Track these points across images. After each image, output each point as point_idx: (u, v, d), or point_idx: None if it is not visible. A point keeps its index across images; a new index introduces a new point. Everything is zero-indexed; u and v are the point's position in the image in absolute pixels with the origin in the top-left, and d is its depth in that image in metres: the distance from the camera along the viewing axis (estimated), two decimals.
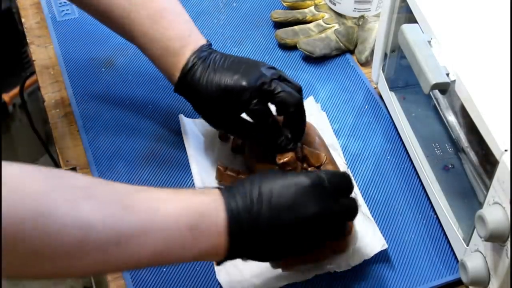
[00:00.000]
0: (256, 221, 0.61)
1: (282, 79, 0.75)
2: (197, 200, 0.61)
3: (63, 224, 0.51)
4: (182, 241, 0.58)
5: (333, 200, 0.65)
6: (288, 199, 0.62)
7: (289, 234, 0.63)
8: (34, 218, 0.49)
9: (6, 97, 1.67)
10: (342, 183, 0.67)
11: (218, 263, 0.64)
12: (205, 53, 0.77)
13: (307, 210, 0.63)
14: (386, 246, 0.73)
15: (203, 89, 0.76)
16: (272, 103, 0.75)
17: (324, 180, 0.65)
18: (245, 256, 0.64)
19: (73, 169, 0.85)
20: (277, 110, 0.75)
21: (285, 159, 0.75)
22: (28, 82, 1.49)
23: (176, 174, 0.84)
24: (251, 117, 0.76)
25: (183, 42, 0.77)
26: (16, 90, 1.63)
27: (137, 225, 0.55)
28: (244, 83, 0.74)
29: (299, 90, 0.76)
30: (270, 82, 0.74)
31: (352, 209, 0.67)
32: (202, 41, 0.79)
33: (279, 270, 0.73)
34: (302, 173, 0.66)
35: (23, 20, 1.05)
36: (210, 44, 0.79)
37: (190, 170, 0.82)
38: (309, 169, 0.79)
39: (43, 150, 1.49)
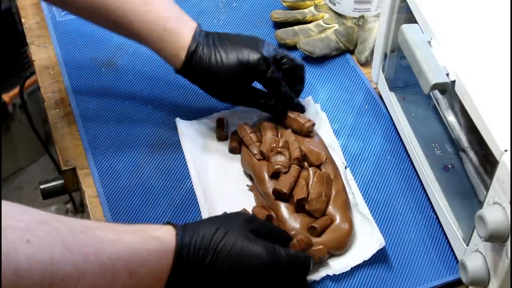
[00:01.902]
0: (201, 275, 0.62)
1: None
2: (144, 246, 0.60)
3: (2, 267, 0.50)
4: (118, 284, 0.57)
5: (290, 280, 0.66)
6: (239, 269, 0.63)
7: None
8: None
9: (6, 97, 1.67)
10: (299, 268, 0.68)
11: None
12: (203, 33, 0.80)
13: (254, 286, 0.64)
14: (384, 244, 0.73)
15: (214, 67, 0.78)
16: (281, 69, 0.82)
17: (282, 263, 0.65)
18: None
19: (73, 169, 0.85)
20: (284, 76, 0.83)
21: (278, 166, 0.77)
22: (28, 82, 1.49)
23: (176, 174, 0.84)
24: (268, 86, 0.82)
25: (180, 22, 0.79)
26: (16, 90, 1.63)
27: (74, 268, 0.54)
28: (259, 55, 0.79)
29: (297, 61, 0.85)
30: (277, 52, 0.81)
31: (305, 258, 0.68)
32: (193, 22, 0.81)
33: None
34: (266, 246, 0.65)
35: (23, 20, 1.05)
36: (199, 24, 0.82)
37: (189, 170, 0.82)
38: (310, 168, 0.79)
39: (43, 150, 1.49)
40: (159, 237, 0.62)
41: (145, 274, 0.59)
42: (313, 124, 0.84)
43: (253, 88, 0.83)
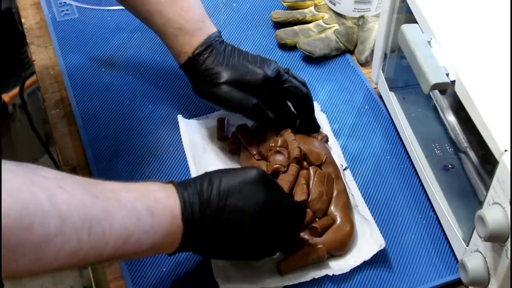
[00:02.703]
0: (206, 204, 0.64)
1: (291, 75, 0.82)
2: (151, 188, 0.63)
3: (43, 214, 0.52)
4: (143, 225, 0.60)
5: (281, 195, 0.68)
6: (236, 185, 0.65)
7: (238, 222, 0.65)
8: (18, 212, 0.50)
9: (6, 97, 1.67)
10: (294, 211, 0.70)
11: (170, 255, 0.65)
12: (217, 41, 0.81)
13: (255, 197, 0.65)
14: (383, 245, 0.73)
15: (215, 75, 0.79)
16: (284, 94, 0.82)
17: (269, 176, 0.68)
18: (197, 247, 0.66)
19: (73, 169, 0.85)
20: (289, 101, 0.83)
21: (277, 165, 0.77)
22: (28, 82, 1.49)
23: (176, 174, 0.84)
24: (267, 106, 0.81)
25: (198, 25, 0.81)
26: (16, 90, 1.63)
27: (104, 211, 0.57)
28: (262, 73, 0.79)
29: (304, 84, 0.84)
30: (283, 74, 0.81)
31: (300, 209, 0.70)
32: (214, 28, 0.82)
33: (277, 273, 0.73)
34: (250, 167, 0.69)
35: (23, 20, 1.05)
36: (221, 33, 0.83)
37: (189, 170, 0.82)
38: (310, 167, 0.79)
39: (43, 150, 1.49)
40: (161, 183, 0.65)
41: (161, 210, 0.62)
42: (326, 137, 0.84)
43: (253, 102, 0.82)
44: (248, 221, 0.65)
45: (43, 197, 0.52)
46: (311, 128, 0.85)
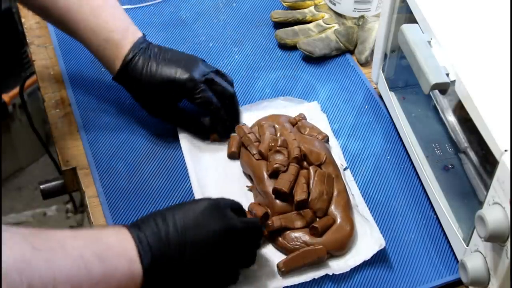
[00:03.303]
0: (166, 243, 0.63)
1: (219, 74, 0.85)
2: (101, 233, 0.61)
3: None
4: (93, 274, 0.57)
5: (234, 218, 0.67)
6: (190, 220, 0.65)
7: (200, 252, 0.64)
8: None
9: (6, 97, 1.66)
10: (235, 204, 0.70)
11: None
12: (144, 45, 0.82)
13: (211, 226, 0.65)
14: (383, 245, 0.73)
15: (145, 79, 0.81)
16: (211, 94, 0.83)
17: (219, 202, 0.68)
18: (162, 286, 0.64)
19: (73, 169, 0.85)
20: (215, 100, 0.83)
21: (277, 165, 0.77)
22: (28, 82, 1.49)
23: (176, 174, 0.84)
24: (197, 105, 0.83)
25: (123, 34, 0.82)
26: (16, 90, 1.63)
27: (47, 265, 0.54)
28: (187, 75, 0.81)
29: (231, 84, 0.86)
30: (209, 74, 0.83)
31: (255, 226, 0.70)
32: (139, 33, 0.83)
33: (277, 273, 0.73)
34: (201, 198, 0.70)
35: (23, 20, 1.05)
36: (145, 36, 0.84)
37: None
38: (310, 167, 0.79)
39: (43, 150, 1.49)
40: (114, 226, 0.65)
41: (114, 256, 0.60)
42: (326, 136, 0.84)
43: (181, 109, 0.85)
44: (210, 251, 0.65)
45: None
46: (232, 127, 0.86)
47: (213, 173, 0.83)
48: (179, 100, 0.84)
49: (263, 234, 0.73)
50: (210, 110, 0.83)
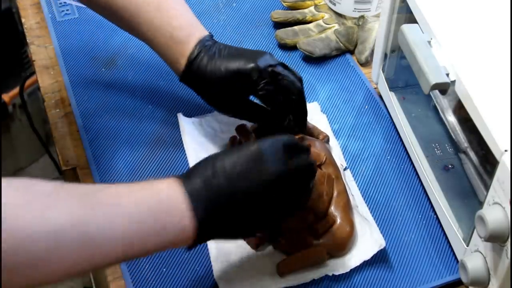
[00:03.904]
0: (217, 195, 0.62)
1: (286, 67, 0.80)
2: (153, 188, 0.62)
3: (35, 235, 0.51)
4: (149, 229, 0.59)
5: (286, 159, 0.66)
6: (242, 167, 0.64)
7: (252, 200, 0.64)
8: (11, 233, 0.50)
9: (6, 97, 1.67)
10: (289, 143, 0.68)
11: (190, 248, 0.64)
12: (209, 43, 0.80)
13: (262, 172, 0.64)
14: (383, 245, 0.73)
15: (210, 74, 0.78)
16: (277, 87, 0.78)
17: (270, 144, 0.66)
18: (216, 234, 0.65)
19: (73, 169, 0.85)
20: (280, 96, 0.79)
21: None
22: (28, 82, 1.49)
23: (176, 174, 0.83)
24: (260, 98, 0.79)
25: (188, 31, 0.79)
26: (16, 90, 1.63)
27: (104, 222, 0.56)
28: (252, 64, 0.77)
29: (300, 80, 0.81)
30: (276, 66, 0.78)
31: (308, 165, 0.68)
32: (205, 31, 0.81)
33: (277, 274, 0.73)
34: (250, 142, 0.68)
35: (23, 20, 1.05)
36: (212, 36, 0.81)
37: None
38: None
39: (43, 150, 1.49)
40: (164, 180, 0.63)
41: (168, 212, 0.60)
42: (326, 136, 0.84)
43: (251, 102, 0.82)
44: (260, 198, 0.64)
45: (33, 217, 0.52)
46: (299, 126, 0.82)
47: None
48: (245, 93, 0.80)
49: (315, 172, 0.70)
50: (273, 105, 0.80)
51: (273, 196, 0.65)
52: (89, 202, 0.56)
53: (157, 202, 0.60)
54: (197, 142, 0.85)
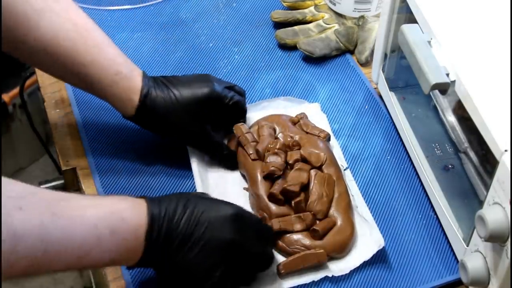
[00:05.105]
0: (173, 231, 0.64)
1: (236, 90, 0.84)
2: (120, 206, 0.63)
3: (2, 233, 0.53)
4: (103, 244, 0.61)
5: (253, 240, 0.67)
6: (207, 218, 0.65)
7: (198, 254, 0.64)
8: None
9: (6, 97, 1.66)
10: (264, 227, 0.71)
11: (128, 268, 0.66)
12: (150, 77, 0.80)
13: (223, 234, 0.65)
14: (383, 245, 0.73)
15: (170, 107, 0.78)
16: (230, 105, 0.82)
17: (249, 217, 0.68)
18: (155, 266, 0.66)
19: (73, 169, 0.85)
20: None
21: (273, 168, 0.77)
22: (28, 82, 1.49)
23: (176, 174, 0.84)
24: (231, 110, 0.82)
25: (131, 67, 0.79)
26: (16, 90, 1.63)
27: (63, 232, 0.58)
28: (212, 85, 0.80)
29: (243, 94, 0.85)
30: (226, 84, 0.83)
31: (268, 259, 0.70)
32: (139, 68, 0.80)
33: (277, 275, 0.73)
34: (230, 203, 0.69)
35: None
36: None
37: (190, 171, 0.82)
38: (311, 170, 0.78)
39: (43, 150, 1.49)
40: (134, 199, 0.65)
41: (125, 230, 0.62)
42: (328, 135, 0.84)
43: (210, 132, 0.82)
44: (209, 256, 0.65)
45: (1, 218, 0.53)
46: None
47: (215, 173, 0.83)
48: (210, 116, 0.81)
49: (269, 266, 0.71)
50: (244, 111, 0.85)
51: (222, 258, 0.65)
52: (52, 211, 0.58)
53: (118, 220, 0.62)
54: None
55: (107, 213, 0.62)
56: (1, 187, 0.55)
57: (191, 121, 0.79)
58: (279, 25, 1.03)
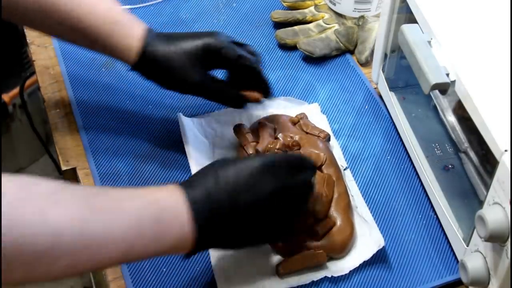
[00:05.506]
0: (218, 206, 0.63)
1: (246, 49, 0.82)
2: (156, 195, 0.62)
3: (33, 233, 0.51)
4: (149, 235, 0.59)
5: (287, 176, 0.67)
6: (244, 181, 0.64)
7: (251, 214, 0.64)
8: (10, 229, 0.50)
9: (6, 97, 1.67)
10: (293, 160, 0.69)
11: (187, 256, 0.65)
12: (152, 30, 0.78)
13: (263, 187, 0.65)
14: (383, 244, 0.73)
15: (171, 52, 0.77)
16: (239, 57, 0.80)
17: (275, 160, 0.67)
18: (214, 245, 0.66)
19: (73, 169, 0.85)
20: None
21: (262, 146, 0.78)
22: (28, 82, 1.49)
23: (176, 174, 0.84)
24: (235, 66, 0.80)
25: (129, 16, 0.77)
26: (16, 90, 1.63)
27: (104, 225, 0.56)
28: (216, 36, 0.78)
29: (255, 54, 0.82)
30: (232, 38, 0.81)
31: (305, 185, 0.69)
32: (143, 22, 0.79)
33: (277, 275, 0.73)
34: (255, 155, 0.69)
35: None
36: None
37: (189, 169, 0.82)
38: None
39: (43, 150, 1.49)
40: (167, 187, 0.64)
41: (168, 218, 0.61)
42: (328, 135, 0.84)
43: (213, 77, 0.81)
44: (260, 211, 0.65)
45: (33, 215, 0.52)
46: (266, 94, 0.83)
47: None
48: (211, 66, 0.80)
49: (313, 188, 0.71)
50: (250, 67, 0.80)
51: (271, 208, 0.65)
52: (90, 204, 0.56)
53: (158, 209, 0.60)
54: (198, 142, 0.85)
55: (147, 203, 0.60)
56: (31, 184, 0.54)
57: (192, 67, 0.78)
58: (279, 25, 1.03)
